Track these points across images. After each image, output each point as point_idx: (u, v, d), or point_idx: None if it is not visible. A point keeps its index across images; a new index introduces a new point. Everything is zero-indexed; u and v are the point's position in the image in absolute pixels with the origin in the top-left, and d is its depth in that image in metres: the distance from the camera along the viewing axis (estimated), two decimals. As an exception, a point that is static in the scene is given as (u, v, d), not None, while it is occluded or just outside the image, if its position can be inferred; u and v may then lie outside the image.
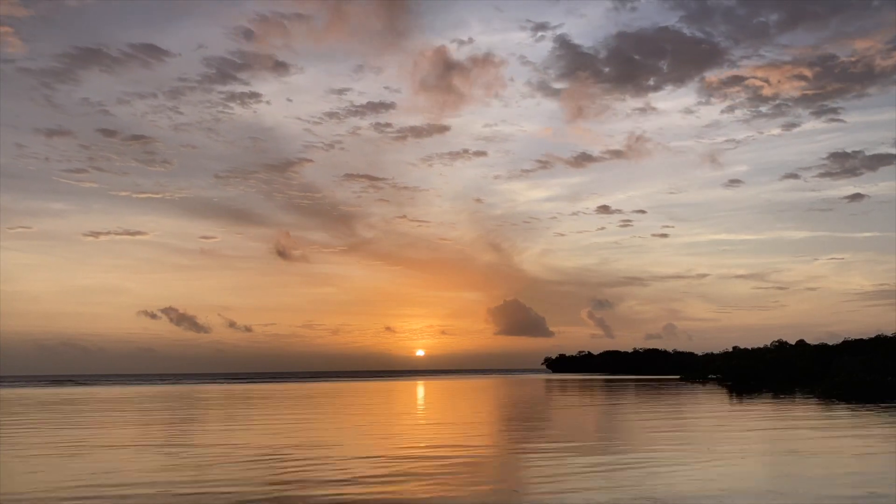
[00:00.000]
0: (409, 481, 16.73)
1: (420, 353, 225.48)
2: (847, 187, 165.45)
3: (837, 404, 42.99)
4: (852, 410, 38.04)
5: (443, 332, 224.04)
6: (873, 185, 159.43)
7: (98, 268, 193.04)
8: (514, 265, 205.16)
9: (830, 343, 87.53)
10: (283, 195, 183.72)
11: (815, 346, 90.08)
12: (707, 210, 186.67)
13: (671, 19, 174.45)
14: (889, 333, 78.78)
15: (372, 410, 44.27)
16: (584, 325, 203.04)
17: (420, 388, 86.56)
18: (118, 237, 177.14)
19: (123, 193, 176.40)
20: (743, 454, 21.07)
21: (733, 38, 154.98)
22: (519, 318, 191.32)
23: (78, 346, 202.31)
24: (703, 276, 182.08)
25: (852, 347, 78.85)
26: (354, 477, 17.43)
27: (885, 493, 14.78)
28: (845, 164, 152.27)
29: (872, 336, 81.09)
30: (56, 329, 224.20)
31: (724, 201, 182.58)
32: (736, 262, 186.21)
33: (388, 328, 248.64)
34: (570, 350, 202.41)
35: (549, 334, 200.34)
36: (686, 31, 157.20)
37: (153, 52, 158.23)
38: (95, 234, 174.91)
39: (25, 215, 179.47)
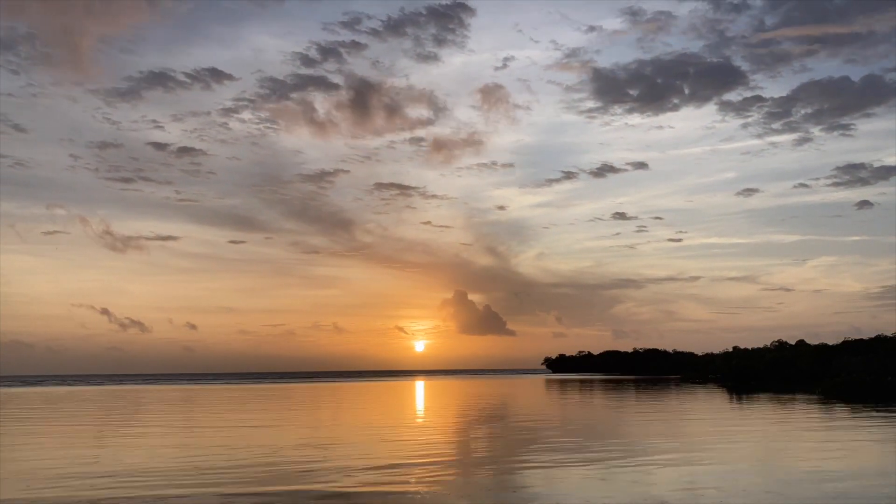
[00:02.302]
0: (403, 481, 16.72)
1: (419, 348, 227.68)
2: (851, 194, 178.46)
3: (837, 404, 42.96)
4: (852, 410, 38.02)
5: (445, 333, 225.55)
6: (876, 192, 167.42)
7: (124, 271, 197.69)
8: (511, 267, 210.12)
9: (830, 343, 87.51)
10: (314, 202, 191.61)
11: (815, 346, 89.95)
12: (707, 215, 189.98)
13: (693, 48, 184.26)
14: (889, 333, 78.84)
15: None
16: (593, 325, 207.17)
17: (420, 389, 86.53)
18: (150, 242, 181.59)
19: (162, 201, 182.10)
20: (742, 454, 21.05)
21: (751, 63, 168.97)
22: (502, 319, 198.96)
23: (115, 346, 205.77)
24: (697, 278, 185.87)
25: (852, 347, 78.81)
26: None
27: (885, 494, 14.76)
28: (853, 174, 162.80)
29: (872, 336, 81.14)
30: (67, 329, 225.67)
31: (726, 207, 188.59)
32: (730, 265, 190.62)
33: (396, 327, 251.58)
34: (571, 350, 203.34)
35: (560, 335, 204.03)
36: (707, 56, 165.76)
37: (215, 75, 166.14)
38: (128, 239, 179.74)
39: (61, 221, 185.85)
